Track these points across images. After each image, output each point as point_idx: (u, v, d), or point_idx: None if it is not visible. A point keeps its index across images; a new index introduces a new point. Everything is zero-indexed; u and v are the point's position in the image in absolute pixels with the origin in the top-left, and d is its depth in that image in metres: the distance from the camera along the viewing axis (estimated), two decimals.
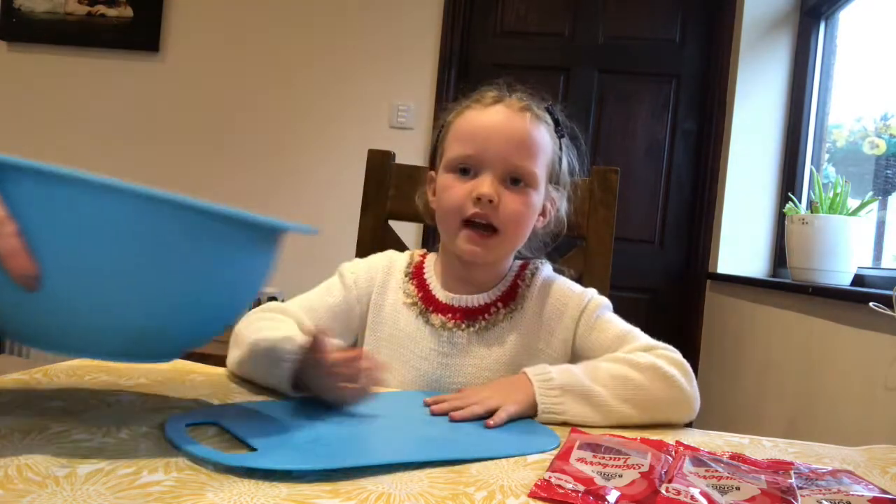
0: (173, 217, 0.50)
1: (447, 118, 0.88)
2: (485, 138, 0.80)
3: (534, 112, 0.83)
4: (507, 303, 0.85)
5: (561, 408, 0.69)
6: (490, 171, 0.79)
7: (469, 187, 0.79)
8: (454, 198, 0.80)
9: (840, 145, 2.29)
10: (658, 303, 2.65)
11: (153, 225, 0.50)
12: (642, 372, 0.72)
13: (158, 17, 2.85)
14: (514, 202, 0.80)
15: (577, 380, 0.71)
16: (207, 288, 0.54)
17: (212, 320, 0.58)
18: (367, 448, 0.55)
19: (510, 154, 0.79)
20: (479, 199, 0.78)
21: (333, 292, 0.88)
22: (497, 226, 0.79)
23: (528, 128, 0.81)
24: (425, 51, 2.74)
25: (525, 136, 0.81)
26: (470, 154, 0.80)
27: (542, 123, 0.84)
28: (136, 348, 0.54)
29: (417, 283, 0.87)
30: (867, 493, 0.51)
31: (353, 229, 1.17)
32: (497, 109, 0.82)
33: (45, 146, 2.93)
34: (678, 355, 0.76)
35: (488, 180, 0.79)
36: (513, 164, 0.80)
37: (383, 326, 0.87)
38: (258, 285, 0.60)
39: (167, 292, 0.52)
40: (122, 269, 0.49)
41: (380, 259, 0.92)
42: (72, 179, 0.48)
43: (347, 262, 0.93)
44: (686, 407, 0.73)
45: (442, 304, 0.85)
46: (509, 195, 0.80)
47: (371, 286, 0.89)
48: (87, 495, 0.41)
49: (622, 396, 0.70)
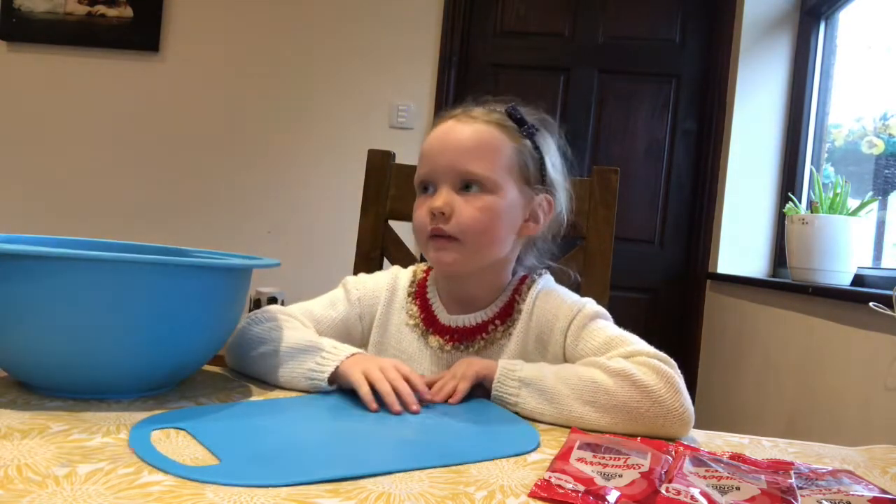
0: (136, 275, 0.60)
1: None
2: (436, 153, 0.81)
3: (486, 118, 0.82)
4: (504, 319, 0.84)
5: (514, 399, 0.70)
6: (443, 183, 0.81)
7: (428, 204, 0.81)
8: (419, 217, 0.83)
9: (839, 145, 2.29)
10: (658, 303, 2.65)
11: (120, 283, 0.59)
12: (612, 376, 0.68)
13: (158, 17, 2.85)
14: (468, 208, 0.79)
15: (540, 374, 0.71)
16: (182, 327, 0.63)
17: (198, 348, 0.68)
18: (338, 457, 0.54)
19: (456, 162, 0.80)
20: (433, 214, 0.80)
21: (337, 307, 0.88)
22: (455, 235, 0.79)
23: (472, 132, 0.81)
24: (425, 51, 2.74)
25: (468, 142, 0.80)
26: (425, 174, 0.83)
27: (494, 126, 0.82)
28: (116, 386, 0.64)
29: (420, 303, 0.88)
30: (867, 493, 0.51)
31: (353, 229, 1.17)
32: (447, 124, 0.83)
33: (45, 146, 2.93)
34: (663, 365, 0.69)
35: (442, 193, 0.80)
36: (461, 171, 0.80)
37: (387, 347, 0.88)
38: (235, 318, 0.71)
39: (148, 337, 0.61)
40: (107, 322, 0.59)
41: (384, 277, 0.92)
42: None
43: (352, 276, 0.94)
44: (668, 421, 0.66)
45: (442, 325, 0.86)
46: (462, 202, 0.79)
47: (375, 304, 0.89)
48: (87, 495, 0.41)
49: (584, 398, 0.68)
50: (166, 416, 0.59)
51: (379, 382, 0.67)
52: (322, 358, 0.72)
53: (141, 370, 0.63)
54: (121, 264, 0.58)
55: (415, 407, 0.66)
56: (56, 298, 0.57)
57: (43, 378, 0.63)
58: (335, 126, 2.79)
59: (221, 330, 0.70)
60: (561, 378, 0.70)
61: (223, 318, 0.69)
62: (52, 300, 0.57)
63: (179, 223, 2.85)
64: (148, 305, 0.60)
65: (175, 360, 0.66)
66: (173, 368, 0.67)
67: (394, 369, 0.69)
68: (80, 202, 2.89)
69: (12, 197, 2.93)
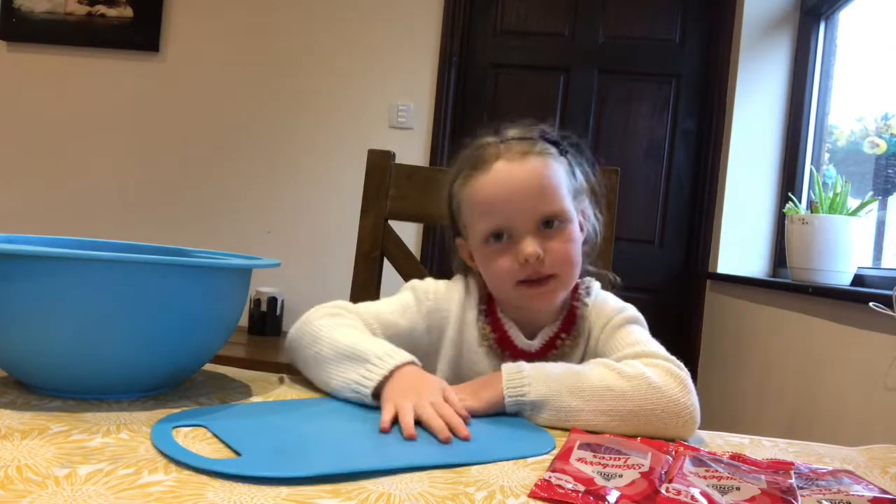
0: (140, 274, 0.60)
1: (452, 188, 0.87)
2: (505, 202, 0.79)
3: (534, 151, 0.81)
4: (569, 329, 0.85)
5: (530, 419, 0.69)
6: (523, 229, 0.79)
7: (512, 255, 0.79)
8: (503, 267, 0.80)
9: (840, 145, 2.29)
10: (658, 303, 2.65)
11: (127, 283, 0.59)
12: (627, 380, 0.69)
13: (158, 17, 2.85)
14: (559, 245, 0.80)
15: (551, 392, 0.68)
16: (184, 327, 0.64)
17: (198, 350, 0.69)
18: (353, 453, 0.54)
19: (535, 206, 0.79)
20: (527, 261, 0.78)
21: (409, 316, 0.85)
22: (552, 273, 0.80)
23: (538, 172, 0.80)
24: (425, 51, 2.74)
25: (539, 181, 0.80)
26: (499, 224, 0.80)
27: (546, 156, 0.82)
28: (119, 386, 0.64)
29: (492, 324, 0.86)
30: (867, 493, 0.51)
31: (354, 229, 1.17)
32: (500, 169, 0.80)
33: (46, 146, 2.93)
34: (675, 367, 0.71)
35: (527, 239, 0.79)
36: (542, 213, 0.79)
37: (461, 367, 0.86)
38: (234, 319, 0.72)
39: (149, 335, 0.62)
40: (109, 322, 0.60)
41: (456, 290, 0.89)
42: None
43: (420, 282, 0.89)
44: (681, 420, 0.67)
45: (519, 349, 0.84)
46: (551, 242, 0.80)
47: (446, 319, 0.87)
48: (87, 495, 0.41)
49: (600, 409, 0.67)
50: (182, 414, 0.60)
51: (432, 420, 0.61)
52: (367, 370, 0.69)
53: (141, 370, 0.63)
54: (120, 264, 0.58)
55: (465, 432, 0.61)
56: (56, 298, 0.57)
57: (43, 378, 0.63)
58: (335, 126, 2.79)
59: (221, 330, 0.70)
60: (575, 392, 0.68)
61: (223, 318, 0.69)
62: (52, 300, 0.57)
63: (179, 223, 2.85)
64: (148, 305, 0.60)
65: (175, 361, 0.66)
66: (173, 369, 0.67)
67: (444, 405, 0.65)
68: (79, 202, 2.89)
69: (12, 197, 2.93)
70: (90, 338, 0.59)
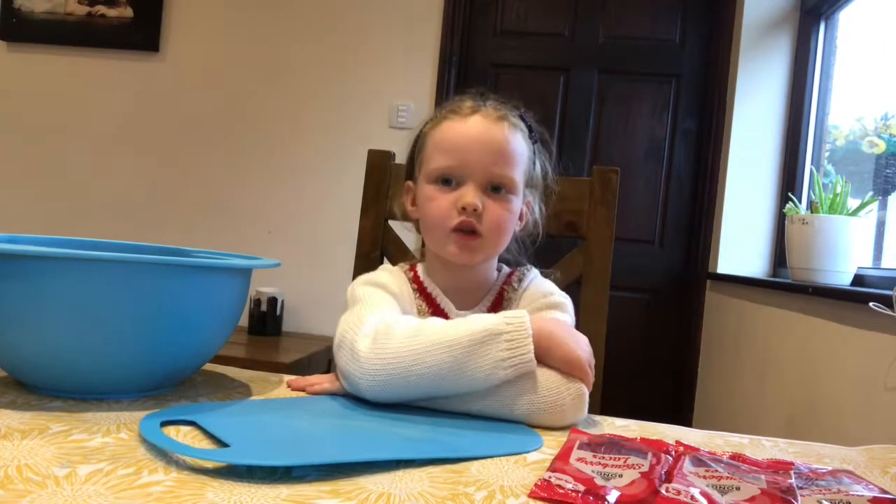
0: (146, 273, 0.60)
1: (423, 129, 0.89)
2: (466, 149, 0.82)
3: (510, 120, 0.85)
4: (495, 311, 0.85)
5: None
6: (472, 180, 0.81)
7: (452, 198, 0.81)
8: (440, 209, 0.82)
9: (840, 145, 2.29)
10: (658, 303, 2.65)
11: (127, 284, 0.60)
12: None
13: (158, 17, 2.85)
14: (497, 209, 0.82)
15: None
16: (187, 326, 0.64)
17: (200, 349, 0.69)
18: (345, 446, 0.55)
19: (491, 163, 0.81)
20: (465, 209, 0.80)
21: (394, 304, 0.81)
22: (482, 232, 0.81)
23: (506, 136, 0.83)
24: (425, 51, 2.74)
25: (504, 145, 0.82)
26: (452, 165, 0.82)
27: (518, 131, 0.85)
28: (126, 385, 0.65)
29: (426, 299, 0.88)
30: (867, 493, 0.51)
31: (354, 229, 1.17)
32: (475, 120, 0.83)
33: (45, 146, 2.93)
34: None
35: (471, 189, 0.81)
36: (494, 173, 0.82)
37: None
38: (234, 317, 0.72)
39: (151, 334, 0.62)
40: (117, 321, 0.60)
41: (393, 274, 0.88)
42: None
43: (363, 276, 0.86)
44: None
45: (449, 318, 0.85)
46: (492, 203, 0.82)
47: (400, 300, 0.86)
48: (87, 495, 0.41)
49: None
50: (172, 410, 0.60)
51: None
52: (507, 342, 0.67)
53: (141, 370, 0.63)
54: (120, 264, 0.58)
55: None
56: (56, 298, 0.57)
57: (43, 378, 0.63)
58: (335, 126, 2.79)
59: (221, 330, 0.70)
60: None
61: (223, 318, 0.69)
62: (52, 300, 0.57)
63: (179, 223, 2.85)
64: (148, 305, 0.60)
65: (175, 361, 0.66)
66: (173, 368, 0.67)
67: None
68: (79, 202, 2.89)
69: (12, 196, 2.93)
70: (90, 338, 0.59)
